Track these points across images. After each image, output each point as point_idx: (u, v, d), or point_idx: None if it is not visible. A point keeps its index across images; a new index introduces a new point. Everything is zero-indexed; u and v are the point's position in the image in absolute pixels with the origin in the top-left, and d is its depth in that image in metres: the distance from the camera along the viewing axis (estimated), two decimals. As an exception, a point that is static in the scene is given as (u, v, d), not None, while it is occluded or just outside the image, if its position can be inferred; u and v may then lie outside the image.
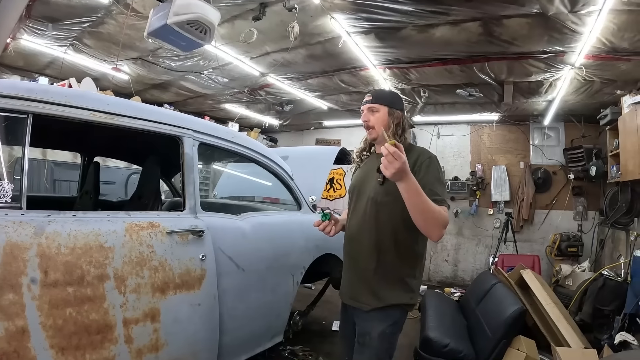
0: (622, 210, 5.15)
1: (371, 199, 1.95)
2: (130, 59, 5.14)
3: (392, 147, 1.49)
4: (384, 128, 1.95)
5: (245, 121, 8.35)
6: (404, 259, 1.95)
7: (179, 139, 2.24)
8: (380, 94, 2.04)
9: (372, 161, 2.09)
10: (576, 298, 4.59)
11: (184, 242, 2.10)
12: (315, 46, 4.39)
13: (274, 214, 3.12)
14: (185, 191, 2.23)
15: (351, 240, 2.05)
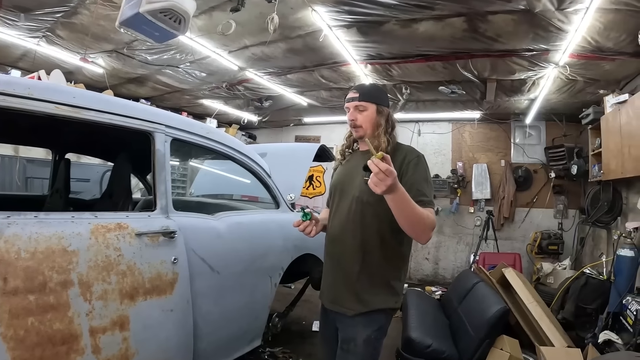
0: (603, 209, 5.18)
1: (356, 198, 1.86)
2: (104, 52, 4.93)
3: (383, 164, 1.39)
4: (372, 126, 1.91)
5: (223, 117, 8.18)
6: (390, 260, 1.88)
7: (150, 135, 2.10)
8: (367, 91, 1.94)
9: (356, 158, 2.01)
10: (558, 296, 4.59)
11: (154, 245, 1.96)
12: (295, 40, 4.27)
13: (251, 213, 2.99)
14: (157, 190, 2.08)
15: (333, 241, 1.95)
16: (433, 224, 1.67)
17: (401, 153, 1.86)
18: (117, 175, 2.58)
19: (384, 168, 1.39)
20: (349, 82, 5.51)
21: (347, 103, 1.94)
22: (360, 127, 1.91)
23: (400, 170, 1.76)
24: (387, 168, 1.39)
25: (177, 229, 2.08)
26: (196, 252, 2.16)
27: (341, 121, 8.04)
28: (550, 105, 5.98)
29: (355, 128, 1.93)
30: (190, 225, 2.20)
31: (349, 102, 1.93)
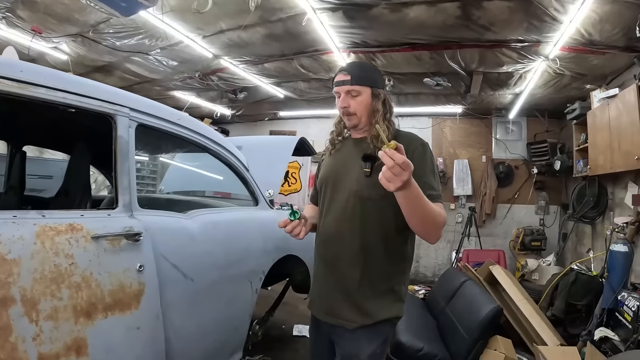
0: (589, 204, 5.21)
1: (354, 194, 1.62)
2: (69, 36, 4.53)
3: (399, 156, 1.16)
4: (367, 113, 1.67)
5: (195, 110, 7.78)
6: (394, 263, 1.65)
7: (111, 118, 1.77)
8: (360, 72, 1.68)
9: (348, 147, 1.76)
10: (547, 293, 4.55)
11: (115, 250, 1.64)
12: (275, 24, 3.99)
13: (228, 211, 2.68)
14: (118, 184, 1.75)
15: (327, 243, 1.68)
16: (444, 220, 1.47)
17: (403, 141, 1.60)
18: (73, 168, 2.23)
19: (401, 160, 1.16)
20: (329, 72, 5.27)
21: (336, 87, 1.68)
22: (354, 115, 1.67)
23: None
24: (405, 160, 1.16)
25: (143, 230, 1.75)
26: (166, 257, 1.84)
27: (318, 115, 7.89)
28: (534, 101, 5.93)
29: (348, 116, 1.68)
30: (158, 226, 1.88)
31: (338, 86, 1.67)
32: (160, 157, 5.19)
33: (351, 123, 1.69)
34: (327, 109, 7.44)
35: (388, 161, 1.17)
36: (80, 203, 2.08)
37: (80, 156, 2.21)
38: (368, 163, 1.57)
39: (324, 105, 7.17)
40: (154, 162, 6.62)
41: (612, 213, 4.87)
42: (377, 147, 1.58)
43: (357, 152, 1.65)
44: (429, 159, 1.62)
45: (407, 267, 1.71)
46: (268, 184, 3.12)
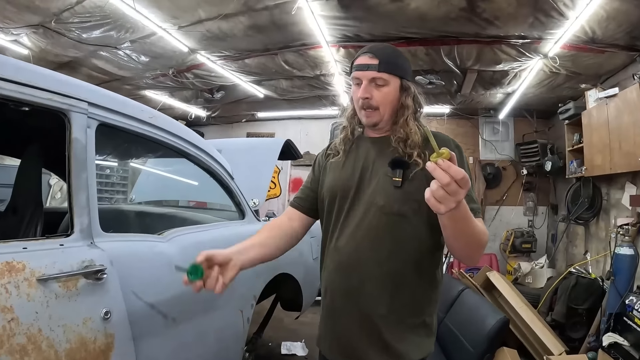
0: (584, 205, 5.10)
1: (380, 209, 1.28)
2: (29, 26, 4.06)
3: (457, 169, 0.89)
4: (392, 109, 1.34)
5: (168, 112, 7.22)
6: (427, 292, 1.34)
7: (64, 116, 1.37)
8: (390, 57, 1.34)
9: (364, 149, 1.42)
10: (546, 298, 4.41)
11: (71, 294, 1.23)
12: (260, 13, 3.62)
13: (212, 229, 2.26)
14: (73, 202, 1.34)
15: (344, 271, 1.34)
16: (487, 239, 1.20)
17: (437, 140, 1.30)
18: (21, 179, 1.80)
19: (460, 176, 0.88)
20: (315, 69, 4.97)
21: (357, 72, 1.33)
22: (376, 111, 1.33)
23: None
24: (464, 176, 0.88)
25: (107, 263, 1.35)
26: (140, 296, 1.43)
27: (298, 116, 7.61)
28: (524, 100, 5.79)
29: (368, 110, 1.34)
30: (128, 255, 1.48)
31: (361, 70, 1.32)
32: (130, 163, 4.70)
33: (370, 120, 1.35)
34: (308, 109, 7.18)
35: (442, 177, 0.89)
36: (29, 224, 1.65)
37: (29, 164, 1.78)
38: (399, 170, 1.26)
39: (306, 105, 6.86)
40: (124, 167, 6.09)
41: (612, 214, 4.74)
42: (406, 151, 1.29)
43: (379, 155, 1.35)
44: (467, 166, 1.30)
45: (437, 296, 1.39)
46: (252, 191, 2.73)
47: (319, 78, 5.36)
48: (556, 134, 6.17)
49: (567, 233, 5.86)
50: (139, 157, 3.51)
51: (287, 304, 3.25)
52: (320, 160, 1.55)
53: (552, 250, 6.15)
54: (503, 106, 6.14)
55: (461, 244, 1.14)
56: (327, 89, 5.80)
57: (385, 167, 1.30)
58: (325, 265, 1.42)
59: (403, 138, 1.30)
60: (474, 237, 1.12)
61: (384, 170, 1.29)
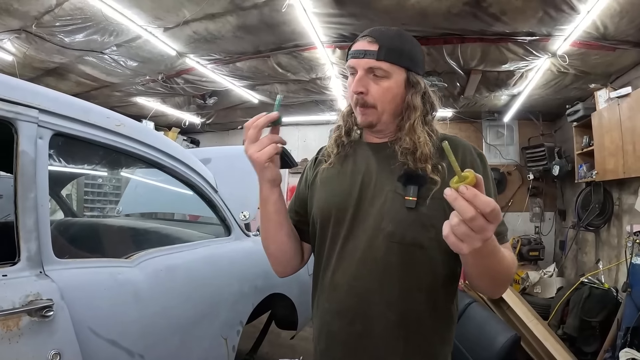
0: (595, 211, 4.88)
1: (388, 236, 1.02)
2: (11, 31, 3.90)
3: (487, 200, 0.68)
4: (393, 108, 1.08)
5: (161, 119, 7.18)
6: (442, 332, 1.08)
7: (10, 125, 1.16)
8: (394, 43, 1.06)
9: (363, 157, 1.15)
10: (557, 310, 4.24)
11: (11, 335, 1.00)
12: (249, 12, 3.41)
13: (188, 249, 2.01)
14: (20, 225, 1.14)
15: (344, 313, 1.08)
16: (515, 269, 0.99)
17: (455, 147, 1.05)
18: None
19: (489, 209, 0.67)
20: (310, 72, 4.75)
21: (352, 59, 1.07)
22: (372, 109, 1.08)
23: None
24: (494, 208, 0.68)
25: (57, 296, 1.13)
26: (98, 332, 1.21)
27: (294, 122, 7.44)
28: (529, 103, 5.59)
29: (362, 108, 1.08)
30: (84, 285, 1.26)
31: (356, 57, 1.06)
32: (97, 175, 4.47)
33: (365, 119, 1.09)
34: (305, 115, 6.99)
35: (465, 210, 0.68)
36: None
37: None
38: (412, 187, 1.00)
39: (302, 111, 6.68)
40: (115, 177, 5.89)
41: (624, 220, 4.54)
42: (416, 165, 1.03)
43: (382, 166, 1.09)
44: (490, 176, 1.07)
45: (453, 334, 1.13)
46: (243, 203, 2.49)
47: (314, 82, 5.16)
48: (563, 136, 5.99)
49: (577, 240, 5.65)
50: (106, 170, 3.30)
51: (282, 323, 3.04)
52: (308, 173, 1.27)
53: (561, 258, 5.94)
54: (508, 109, 5.96)
55: (485, 282, 0.95)
56: (323, 93, 5.60)
57: (392, 182, 1.05)
58: (318, 304, 1.16)
59: (410, 149, 1.04)
60: (501, 273, 0.92)
61: (392, 186, 1.04)
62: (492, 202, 0.68)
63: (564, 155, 5.71)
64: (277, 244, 1.17)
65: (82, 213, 4.89)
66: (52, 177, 1.26)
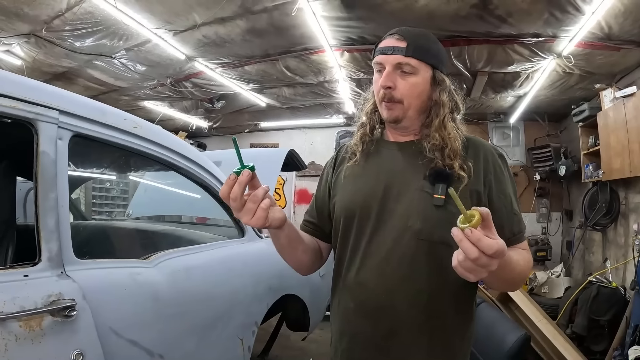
0: (602, 211, 4.88)
1: (416, 234, 1.04)
2: (20, 36, 3.91)
3: (491, 242, 0.75)
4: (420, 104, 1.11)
5: (169, 123, 7.19)
6: (464, 328, 1.11)
7: (31, 126, 1.19)
8: (422, 41, 1.11)
9: (389, 155, 1.17)
10: (565, 309, 4.23)
11: (34, 335, 1.03)
12: (259, 16, 3.45)
13: (205, 250, 2.04)
14: (41, 226, 1.16)
15: (369, 313, 1.09)
16: (531, 265, 1.07)
17: (475, 149, 1.10)
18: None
19: (492, 251, 0.74)
20: (318, 75, 4.77)
21: (380, 56, 1.10)
22: (399, 104, 1.09)
23: (485, 177, 1.07)
24: (498, 249, 0.74)
25: (79, 296, 1.16)
26: (119, 332, 1.24)
27: (301, 126, 7.45)
28: (535, 103, 5.60)
29: (389, 103, 1.09)
30: (105, 285, 1.29)
31: (384, 54, 1.09)
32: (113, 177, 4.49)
33: (391, 114, 1.11)
34: (312, 118, 7.02)
35: (470, 251, 0.75)
36: (0, 248, 1.46)
37: (1, 180, 1.59)
38: (441, 186, 1.02)
39: (310, 114, 6.70)
40: (123, 180, 5.93)
41: (631, 219, 4.53)
42: (445, 162, 1.05)
43: (409, 164, 1.11)
44: (510, 177, 1.12)
45: (472, 333, 1.16)
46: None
47: (322, 85, 5.19)
48: (569, 137, 5.98)
49: (584, 240, 5.64)
50: (122, 172, 3.32)
51: (293, 324, 3.05)
52: (329, 170, 1.28)
53: (568, 258, 5.92)
54: (514, 110, 5.96)
55: (501, 284, 1.05)
56: (331, 96, 5.63)
57: (418, 180, 1.07)
58: (340, 303, 1.16)
59: (439, 145, 1.06)
60: (516, 276, 0.99)
61: (419, 184, 1.06)
62: (495, 244, 0.74)
63: (570, 156, 5.71)
64: (294, 261, 1.18)
65: (90, 216, 4.93)
66: (70, 178, 1.30)
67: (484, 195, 1.05)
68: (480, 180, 1.06)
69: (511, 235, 1.04)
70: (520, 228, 1.07)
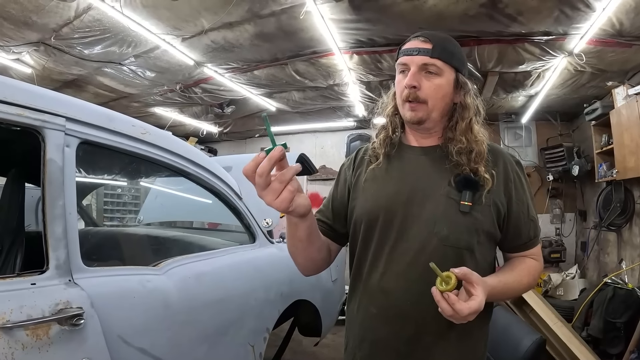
0: (616, 210, 4.81)
1: (442, 240, 1.05)
2: (29, 44, 3.94)
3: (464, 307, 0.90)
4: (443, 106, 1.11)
5: (179, 129, 7.23)
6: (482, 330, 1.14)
7: (37, 133, 1.18)
8: (446, 44, 1.12)
9: (411, 159, 1.16)
10: (581, 311, 4.19)
11: (41, 343, 1.03)
12: (267, 20, 3.43)
13: (216, 256, 2.01)
14: (48, 234, 1.15)
15: (393, 319, 1.08)
16: (542, 268, 1.17)
17: (495, 157, 1.12)
18: (3, 205, 1.60)
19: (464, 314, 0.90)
20: (328, 78, 4.75)
21: (405, 56, 1.11)
22: (424, 104, 1.09)
23: (506, 186, 1.10)
24: (470, 313, 0.90)
25: (87, 304, 1.15)
26: (128, 341, 1.23)
27: (311, 129, 7.43)
28: (546, 103, 5.51)
29: (413, 104, 1.09)
30: (113, 293, 1.28)
31: (409, 55, 1.10)
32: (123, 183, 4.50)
33: (415, 115, 1.10)
34: (323, 122, 6.99)
35: (445, 309, 0.91)
36: (7, 256, 1.45)
37: (10, 186, 1.60)
38: (468, 192, 1.04)
39: (320, 117, 6.68)
40: (135, 186, 5.94)
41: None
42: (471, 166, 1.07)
43: (434, 170, 1.11)
44: (527, 183, 1.15)
45: (487, 335, 1.18)
46: (265, 210, 2.48)
47: (332, 88, 5.16)
48: (581, 136, 5.90)
49: (598, 240, 5.56)
50: (132, 178, 3.33)
51: (305, 329, 3.03)
52: (347, 171, 1.26)
53: (583, 259, 5.85)
54: (525, 110, 5.89)
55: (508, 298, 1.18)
56: (341, 99, 5.60)
57: (444, 186, 1.07)
58: (360, 308, 1.15)
59: (466, 148, 1.07)
60: (517, 293, 1.13)
61: (445, 190, 1.07)
62: (466, 309, 0.88)
63: (583, 155, 5.63)
64: (306, 259, 1.16)
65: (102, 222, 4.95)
66: (78, 185, 1.29)
67: (503, 205, 1.07)
68: (501, 190, 1.08)
69: (527, 239, 1.13)
70: (535, 233, 1.13)
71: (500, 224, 1.08)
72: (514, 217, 1.08)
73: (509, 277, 1.06)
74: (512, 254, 1.15)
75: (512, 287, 1.06)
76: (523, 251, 1.13)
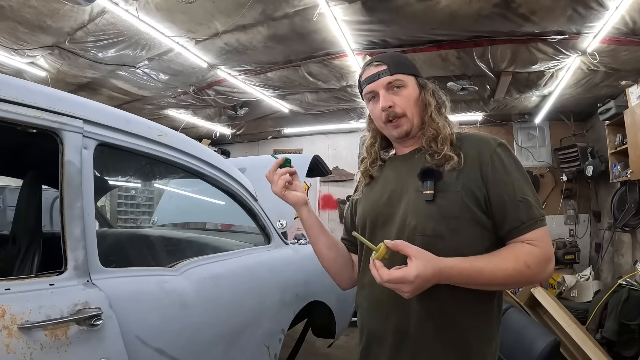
0: (631, 211, 4.76)
1: (412, 231, 1.11)
2: (44, 47, 4.01)
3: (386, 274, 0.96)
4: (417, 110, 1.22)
5: (192, 131, 7.28)
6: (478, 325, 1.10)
7: (55, 136, 1.20)
8: (397, 59, 1.25)
9: (394, 169, 1.28)
10: (595, 313, 4.13)
11: (60, 343, 1.04)
12: (280, 22, 3.45)
13: (232, 257, 2.02)
14: (67, 235, 1.16)
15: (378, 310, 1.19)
16: (546, 256, 1.04)
17: (470, 147, 1.15)
18: (20, 205, 1.64)
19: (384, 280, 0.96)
20: (341, 80, 4.76)
21: (369, 85, 1.23)
22: (404, 117, 1.20)
23: (482, 170, 1.10)
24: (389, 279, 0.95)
25: (105, 305, 1.16)
26: (146, 341, 1.24)
27: (325, 131, 7.45)
28: (560, 103, 5.47)
29: (395, 121, 1.20)
30: (131, 294, 1.29)
31: (372, 81, 1.22)
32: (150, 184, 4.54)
33: (401, 130, 1.21)
34: (335, 123, 7.01)
35: (376, 276, 0.97)
36: (25, 257, 1.47)
37: (27, 188, 1.62)
38: (429, 182, 1.09)
39: (333, 119, 6.70)
40: (149, 188, 5.99)
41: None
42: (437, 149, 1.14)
43: (410, 171, 1.19)
44: (515, 164, 1.13)
45: (496, 332, 1.15)
46: (279, 212, 2.50)
47: (345, 89, 5.17)
48: (595, 136, 5.82)
49: (613, 242, 5.48)
50: (148, 180, 3.36)
51: (319, 330, 3.03)
52: (352, 198, 1.44)
53: (597, 261, 5.77)
54: (538, 110, 5.83)
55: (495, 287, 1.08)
56: (354, 100, 5.61)
57: (415, 182, 1.13)
58: (358, 304, 1.27)
59: (433, 135, 1.17)
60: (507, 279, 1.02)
61: (415, 185, 1.14)
62: (387, 275, 0.93)
63: (597, 155, 5.55)
64: (322, 258, 1.35)
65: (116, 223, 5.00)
66: (96, 186, 1.31)
67: (481, 189, 1.08)
68: (477, 174, 1.09)
69: (519, 223, 1.05)
70: (529, 215, 1.05)
71: (484, 209, 1.08)
72: (496, 201, 1.07)
73: (485, 262, 1.01)
74: (509, 241, 1.09)
75: (490, 272, 1.00)
76: (517, 236, 1.06)
